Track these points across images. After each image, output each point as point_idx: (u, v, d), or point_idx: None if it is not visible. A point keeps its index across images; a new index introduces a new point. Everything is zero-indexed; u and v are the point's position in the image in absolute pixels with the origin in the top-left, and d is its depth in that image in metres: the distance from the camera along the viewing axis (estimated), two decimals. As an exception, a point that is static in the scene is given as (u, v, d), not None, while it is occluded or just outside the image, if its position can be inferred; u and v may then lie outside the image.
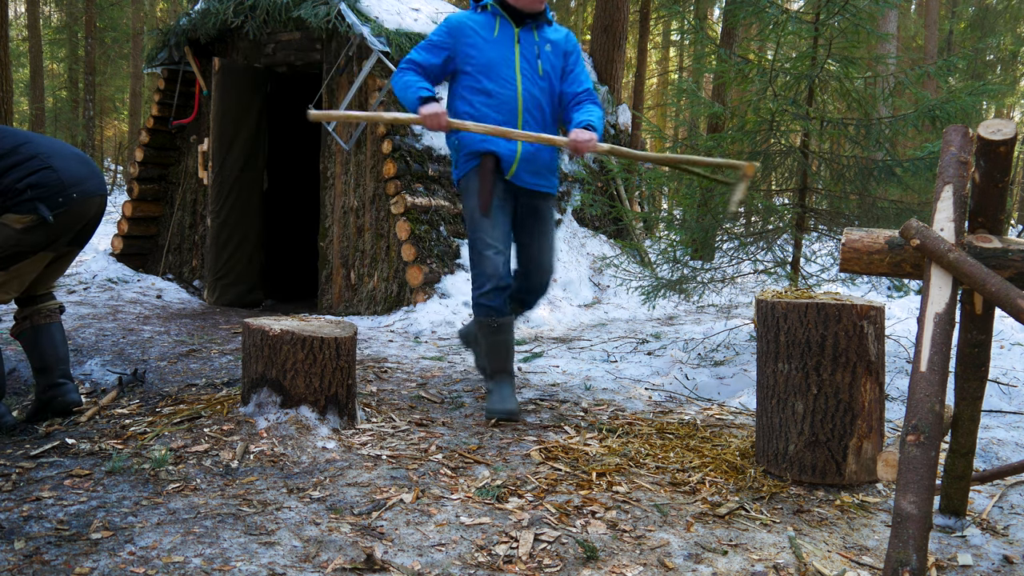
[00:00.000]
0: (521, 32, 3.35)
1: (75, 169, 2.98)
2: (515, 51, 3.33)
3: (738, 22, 6.19)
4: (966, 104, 4.17)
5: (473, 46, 3.31)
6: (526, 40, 3.36)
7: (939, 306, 1.77)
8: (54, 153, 2.96)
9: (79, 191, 2.96)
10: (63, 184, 2.91)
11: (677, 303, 5.75)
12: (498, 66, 3.31)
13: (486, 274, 3.28)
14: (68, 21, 21.31)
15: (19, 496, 2.32)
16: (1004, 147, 1.74)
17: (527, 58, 3.34)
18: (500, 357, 3.40)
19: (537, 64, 3.35)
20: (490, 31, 3.33)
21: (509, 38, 3.34)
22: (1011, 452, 3.08)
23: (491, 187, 3.30)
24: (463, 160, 3.38)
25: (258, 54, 6.96)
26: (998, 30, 18.30)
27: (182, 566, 1.91)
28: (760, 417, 2.79)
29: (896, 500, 1.63)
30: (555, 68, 3.40)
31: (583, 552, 2.06)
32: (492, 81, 3.30)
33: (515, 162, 3.31)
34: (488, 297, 3.29)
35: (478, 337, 3.46)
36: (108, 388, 3.64)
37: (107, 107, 25.95)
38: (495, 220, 3.31)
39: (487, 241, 3.29)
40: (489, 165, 3.30)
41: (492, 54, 3.31)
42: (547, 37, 3.40)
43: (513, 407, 3.29)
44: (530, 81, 3.34)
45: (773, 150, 4.67)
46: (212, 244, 6.79)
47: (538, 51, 3.36)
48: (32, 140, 2.98)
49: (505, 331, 3.38)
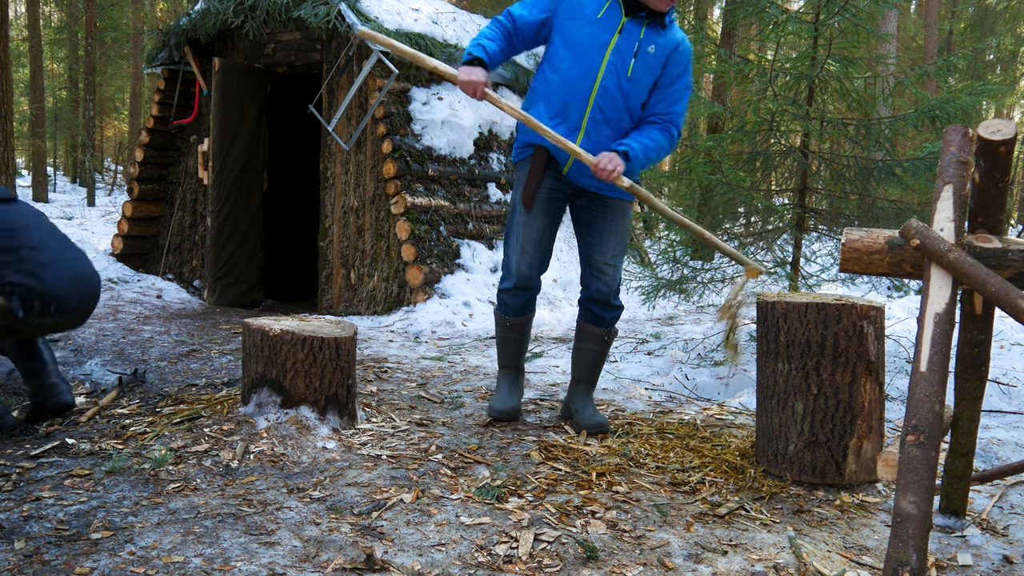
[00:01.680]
0: (628, 23, 2.96)
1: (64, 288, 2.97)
2: (612, 40, 2.95)
3: (738, 22, 6.20)
4: (966, 104, 4.17)
5: (573, 17, 2.98)
6: (629, 33, 2.97)
7: (939, 306, 1.77)
8: (53, 265, 2.96)
9: (58, 307, 2.95)
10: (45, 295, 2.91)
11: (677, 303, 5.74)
12: (587, 49, 2.96)
13: (510, 271, 3.19)
14: (68, 21, 21.31)
15: (19, 496, 2.32)
16: (1004, 147, 1.74)
17: (621, 52, 2.96)
18: (508, 353, 3.33)
19: (630, 63, 2.97)
20: (596, 9, 2.97)
21: (613, 24, 2.96)
22: (1011, 452, 3.08)
23: (537, 184, 3.09)
24: (517, 145, 3.19)
25: (258, 54, 6.96)
26: (998, 30, 18.30)
27: (182, 566, 1.91)
28: (760, 417, 2.79)
29: (896, 500, 1.63)
30: (650, 73, 3.01)
31: (583, 552, 2.06)
32: (575, 62, 2.98)
33: (569, 162, 3.05)
34: (508, 294, 3.22)
35: (495, 328, 3.38)
36: (108, 388, 3.64)
37: (107, 107, 25.96)
38: (533, 219, 3.13)
39: (518, 239, 3.15)
40: (540, 160, 3.08)
41: (587, 34, 2.96)
42: (655, 38, 2.99)
43: (511, 407, 3.25)
44: (613, 77, 2.97)
45: (773, 150, 4.67)
46: (212, 244, 6.79)
47: (637, 49, 2.97)
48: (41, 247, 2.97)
49: (516, 331, 3.29)
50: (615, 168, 2.86)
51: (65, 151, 26.15)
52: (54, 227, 3.16)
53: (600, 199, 3.15)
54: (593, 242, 3.17)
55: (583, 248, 3.21)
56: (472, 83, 2.88)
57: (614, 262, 3.17)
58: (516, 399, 3.30)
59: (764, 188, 4.87)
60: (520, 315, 3.26)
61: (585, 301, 3.26)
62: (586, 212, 3.19)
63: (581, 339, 3.30)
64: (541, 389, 3.95)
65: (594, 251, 3.17)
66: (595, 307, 3.23)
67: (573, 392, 3.32)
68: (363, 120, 6.32)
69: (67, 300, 2.99)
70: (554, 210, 3.17)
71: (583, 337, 3.29)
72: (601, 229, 3.17)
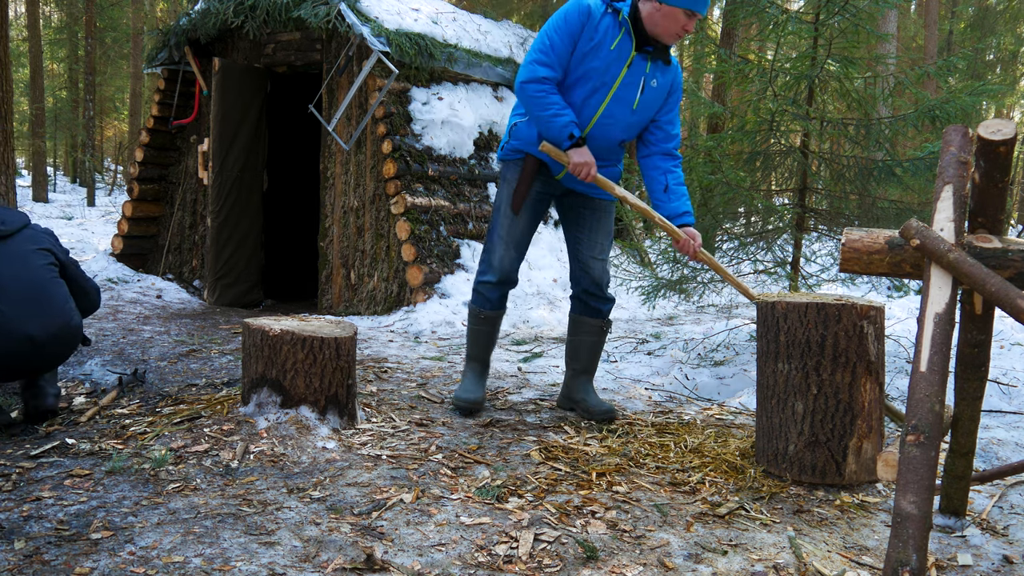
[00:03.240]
0: (637, 57, 3.02)
1: (19, 311, 2.92)
2: (621, 74, 3.01)
3: (738, 22, 6.20)
4: (966, 104, 4.17)
5: (590, 50, 2.97)
6: (637, 68, 3.03)
7: (939, 306, 1.77)
8: (6, 293, 2.91)
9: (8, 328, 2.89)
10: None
11: (677, 303, 5.75)
12: (595, 81, 3.00)
13: (492, 265, 3.26)
14: (68, 21, 21.32)
15: (19, 496, 2.32)
16: (1004, 147, 1.74)
17: (628, 87, 3.03)
18: (479, 345, 3.39)
19: (636, 98, 3.05)
20: (611, 40, 2.97)
21: (623, 57, 3.00)
22: (1011, 452, 3.09)
23: (528, 188, 3.19)
24: (510, 147, 3.23)
25: (258, 54, 6.96)
26: (998, 30, 18.30)
27: (182, 566, 1.91)
28: (760, 417, 2.79)
29: (896, 500, 1.63)
30: (651, 108, 3.13)
31: (583, 552, 2.06)
32: (580, 93, 3.03)
33: (564, 171, 3.16)
34: (486, 288, 3.29)
35: (468, 321, 3.43)
36: (108, 388, 3.64)
37: (107, 107, 25.96)
38: (520, 219, 3.24)
39: (503, 236, 3.24)
40: (532, 166, 3.17)
41: (598, 65, 2.99)
42: (658, 74, 3.08)
43: (478, 397, 3.32)
44: (616, 111, 3.06)
45: (773, 150, 4.67)
46: (212, 244, 6.79)
47: (643, 85, 3.05)
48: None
49: (490, 324, 3.36)
50: (699, 244, 3.08)
51: (65, 151, 26.15)
52: (35, 278, 3.04)
53: (587, 198, 3.29)
54: (583, 238, 3.30)
55: (573, 245, 3.33)
56: (586, 165, 2.96)
57: (603, 256, 3.31)
58: (482, 390, 3.38)
59: (764, 188, 4.87)
60: (496, 309, 3.33)
61: (580, 295, 3.37)
62: (574, 211, 3.32)
63: (578, 331, 3.41)
64: (541, 389, 3.95)
65: (585, 247, 3.30)
66: (590, 300, 3.35)
67: (574, 383, 3.42)
68: (363, 120, 6.32)
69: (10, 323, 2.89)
70: (539, 211, 3.28)
71: (580, 329, 3.40)
72: (590, 226, 3.29)
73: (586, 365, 3.42)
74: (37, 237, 3.16)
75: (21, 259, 3.03)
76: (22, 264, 3.02)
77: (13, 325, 2.89)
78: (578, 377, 3.43)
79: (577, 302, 3.41)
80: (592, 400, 3.35)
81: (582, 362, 3.42)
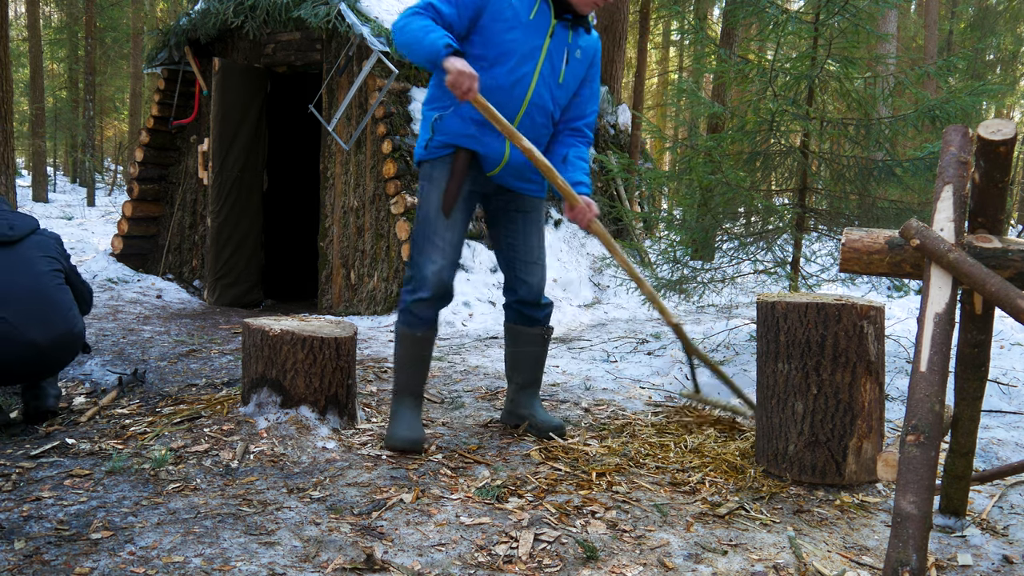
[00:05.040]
0: (558, 26, 2.79)
1: (23, 318, 2.93)
2: (544, 45, 2.76)
3: (738, 22, 6.20)
4: (966, 104, 4.17)
5: (503, 20, 2.71)
6: (559, 38, 2.80)
7: (939, 306, 1.77)
8: (11, 301, 2.92)
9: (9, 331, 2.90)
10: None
11: (677, 303, 5.74)
12: (519, 54, 2.73)
13: (425, 279, 2.81)
14: (68, 21, 21.33)
15: (19, 496, 2.32)
16: (1004, 147, 1.75)
17: (553, 59, 2.80)
18: (415, 373, 2.93)
19: (561, 70, 2.83)
20: (527, 11, 2.73)
21: (543, 28, 2.76)
22: (1011, 452, 3.09)
23: (459, 188, 2.83)
24: (434, 144, 2.85)
25: (258, 54, 6.96)
26: (998, 30, 18.30)
27: (182, 566, 1.91)
28: (760, 417, 2.79)
29: (896, 500, 1.63)
30: (576, 79, 2.90)
31: (583, 552, 2.06)
32: (504, 70, 2.74)
33: (500, 165, 2.86)
34: (420, 306, 2.83)
35: (395, 346, 2.96)
36: (108, 388, 3.64)
37: (107, 107, 25.96)
38: (453, 222, 2.85)
39: (437, 244, 2.82)
40: (463, 162, 2.82)
41: (518, 39, 2.72)
42: (579, 42, 2.87)
43: (418, 435, 2.83)
44: (545, 86, 2.81)
45: (773, 150, 4.67)
46: (212, 244, 6.79)
47: (567, 56, 2.83)
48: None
49: (425, 346, 2.92)
50: (595, 215, 2.85)
51: (65, 151, 26.16)
52: (40, 285, 3.03)
53: (517, 197, 3.00)
54: (517, 243, 3.02)
55: (507, 251, 3.03)
56: (466, 75, 2.52)
57: (540, 260, 3.05)
58: (421, 427, 2.90)
59: (764, 188, 4.87)
60: (431, 328, 2.91)
61: (515, 304, 3.07)
62: (505, 213, 3.02)
63: (517, 343, 3.11)
64: (541, 389, 3.95)
65: (521, 252, 3.02)
66: (527, 308, 3.06)
67: (520, 397, 3.14)
68: (363, 120, 6.32)
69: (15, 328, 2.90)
70: (470, 212, 2.95)
71: (519, 340, 3.11)
72: (524, 229, 3.03)
73: (530, 378, 3.13)
74: (44, 243, 3.16)
75: (27, 265, 3.04)
76: (27, 270, 3.02)
77: (18, 332, 2.91)
78: (523, 391, 3.14)
79: (511, 311, 3.10)
80: (541, 414, 3.10)
81: (525, 375, 3.12)
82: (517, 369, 3.13)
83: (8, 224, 3.07)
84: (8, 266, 2.98)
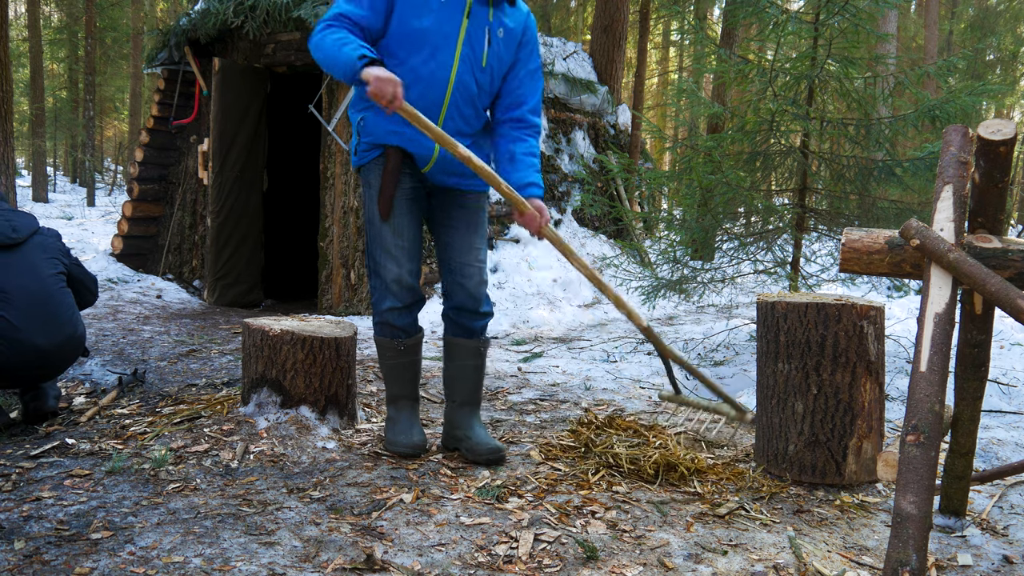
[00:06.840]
0: (475, 5, 2.58)
1: (27, 321, 2.94)
2: (461, 27, 2.57)
3: (738, 22, 6.20)
4: (966, 104, 4.17)
5: (411, 6, 2.54)
6: (478, 16, 2.59)
7: (939, 306, 1.77)
8: (15, 304, 2.92)
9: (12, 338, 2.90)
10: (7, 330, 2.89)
11: (677, 303, 5.75)
12: (434, 41, 2.55)
13: (388, 288, 2.69)
14: (68, 21, 21.32)
15: (19, 496, 2.32)
16: (1004, 147, 1.75)
17: (473, 41, 2.59)
18: (405, 380, 2.83)
19: (483, 52, 2.61)
20: None
21: (459, 8, 2.56)
22: (1011, 452, 3.09)
23: (393, 189, 2.66)
24: (363, 148, 2.71)
25: (258, 54, 6.96)
26: (998, 30, 18.30)
27: (182, 566, 1.91)
28: (760, 417, 2.79)
29: (896, 500, 1.63)
30: (502, 62, 2.67)
31: (583, 552, 2.06)
32: (421, 58, 2.56)
33: (431, 162, 2.67)
34: (394, 315, 2.72)
35: (379, 359, 2.86)
36: (108, 388, 3.64)
37: (107, 107, 25.97)
38: (400, 225, 2.68)
39: (389, 250, 2.67)
40: (395, 161, 2.65)
41: (431, 24, 2.54)
42: (503, 20, 2.64)
43: (419, 439, 2.77)
44: (468, 70, 2.61)
45: (773, 150, 4.67)
46: (212, 244, 6.79)
47: (489, 36, 2.61)
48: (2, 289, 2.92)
49: (412, 353, 2.81)
50: (546, 220, 2.65)
51: (65, 151, 26.16)
52: (43, 288, 3.04)
53: (456, 194, 2.78)
54: (454, 242, 2.78)
55: (443, 250, 2.81)
56: (389, 81, 2.35)
57: (479, 263, 2.79)
58: (422, 430, 2.84)
59: (764, 188, 4.87)
60: (413, 334, 2.79)
61: (451, 312, 2.81)
62: (442, 211, 2.81)
63: (454, 357, 2.84)
64: (541, 389, 3.95)
65: (456, 252, 2.77)
66: (464, 318, 2.80)
67: (456, 417, 2.85)
68: (363, 120, 6.31)
69: (19, 332, 2.91)
70: (418, 210, 2.75)
71: (456, 354, 2.84)
72: (462, 226, 2.79)
73: (468, 396, 2.84)
74: (47, 244, 3.17)
75: (30, 268, 3.04)
76: (31, 273, 3.03)
77: (21, 335, 2.91)
78: (460, 410, 2.84)
79: (448, 321, 2.84)
80: (477, 436, 2.78)
81: (462, 393, 2.84)
82: (454, 387, 2.86)
83: (11, 226, 3.06)
84: (12, 269, 2.99)
